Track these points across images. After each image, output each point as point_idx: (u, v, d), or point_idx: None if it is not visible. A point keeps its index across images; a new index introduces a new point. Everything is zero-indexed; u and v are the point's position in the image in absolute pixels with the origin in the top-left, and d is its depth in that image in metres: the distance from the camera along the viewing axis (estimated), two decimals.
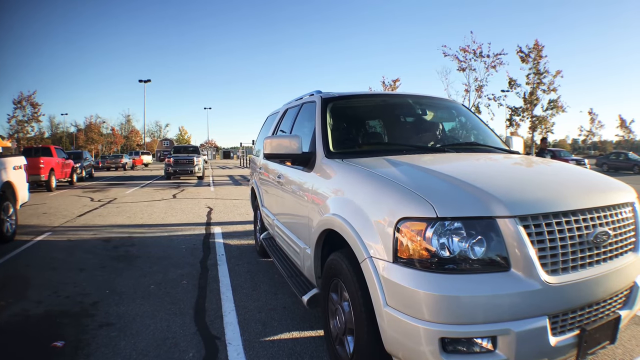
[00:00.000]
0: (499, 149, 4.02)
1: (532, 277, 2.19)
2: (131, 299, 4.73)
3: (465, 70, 30.48)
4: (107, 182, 24.98)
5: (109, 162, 44.25)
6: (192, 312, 4.34)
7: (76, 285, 5.23)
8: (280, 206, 4.77)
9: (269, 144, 3.74)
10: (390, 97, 5.22)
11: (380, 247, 2.43)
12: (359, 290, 2.60)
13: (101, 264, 6.26)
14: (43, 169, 17.86)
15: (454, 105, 4.81)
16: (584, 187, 2.75)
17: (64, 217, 10.86)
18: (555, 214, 2.34)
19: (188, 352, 3.50)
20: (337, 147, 3.68)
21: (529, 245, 2.21)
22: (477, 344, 2.18)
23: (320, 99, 4.12)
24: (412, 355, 2.28)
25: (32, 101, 55.10)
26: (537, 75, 30.22)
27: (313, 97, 4.38)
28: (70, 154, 25.57)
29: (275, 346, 3.58)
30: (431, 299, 2.14)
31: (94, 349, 3.55)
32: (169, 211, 11.68)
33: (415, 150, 3.69)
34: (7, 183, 8.04)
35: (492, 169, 3.21)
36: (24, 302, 4.67)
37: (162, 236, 8.33)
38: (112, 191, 18.37)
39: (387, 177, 2.71)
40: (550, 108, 30.34)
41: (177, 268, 5.95)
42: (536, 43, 30.06)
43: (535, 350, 2.21)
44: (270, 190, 5.38)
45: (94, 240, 7.97)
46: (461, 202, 2.33)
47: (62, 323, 4.10)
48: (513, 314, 2.15)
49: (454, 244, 2.21)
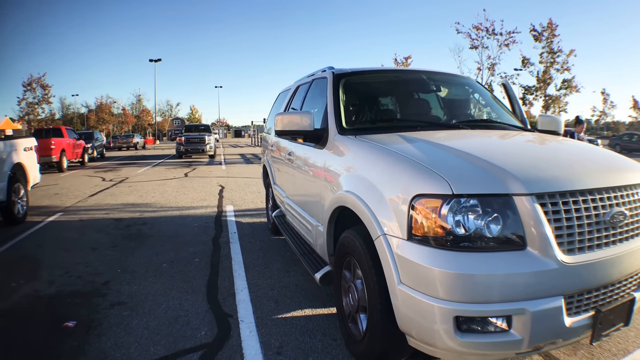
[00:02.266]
0: (514, 126, 3.95)
1: (548, 256, 2.16)
2: (143, 278, 4.76)
3: (478, 48, 30.21)
4: (118, 161, 25.14)
5: (120, 142, 44.55)
6: (205, 290, 4.36)
7: (88, 265, 5.27)
8: (292, 184, 4.74)
9: (280, 121, 3.67)
10: (404, 73, 5.14)
11: (394, 224, 2.40)
12: (373, 268, 2.58)
13: (113, 243, 6.30)
14: (54, 150, 17.98)
15: (468, 81, 4.73)
16: (601, 166, 2.70)
17: (75, 197, 10.93)
18: (572, 193, 2.29)
19: (200, 330, 3.51)
20: (350, 124, 3.64)
21: (545, 223, 2.17)
22: (491, 323, 2.16)
23: (332, 75, 4.06)
24: (426, 333, 2.26)
25: (42, 83, 55.30)
26: (550, 54, 29.86)
27: (325, 73, 4.32)
28: (82, 134, 25.73)
29: (288, 324, 3.58)
30: (446, 277, 2.12)
31: (106, 329, 3.57)
32: (181, 190, 11.71)
33: (429, 126, 3.64)
34: (17, 164, 8.06)
35: (508, 146, 3.16)
36: (36, 283, 4.71)
37: (174, 215, 8.37)
38: (123, 171, 18.48)
39: (401, 154, 2.67)
40: (564, 88, 30.01)
41: (189, 246, 5.97)
42: (550, 22, 29.70)
43: (550, 331, 2.19)
44: (282, 168, 5.33)
45: (105, 220, 8.01)
46: (477, 179, 2.29)
47: (73, 303, 4.13)
48: (528, 293, 2.12)
49: (469, 221, 2.18)
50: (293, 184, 4.69)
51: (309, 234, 3.98)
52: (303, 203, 4.25)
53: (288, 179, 4.98)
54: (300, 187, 4.35)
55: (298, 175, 4.39)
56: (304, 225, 4.13)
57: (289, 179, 4.94)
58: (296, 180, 4.49)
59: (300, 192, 4.34)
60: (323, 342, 3.28)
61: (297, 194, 4.54)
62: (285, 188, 5.17)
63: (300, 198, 4.36)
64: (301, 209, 4.28)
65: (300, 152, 4.33)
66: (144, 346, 3.27)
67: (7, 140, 8.20)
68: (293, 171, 4.62)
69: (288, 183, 5.01)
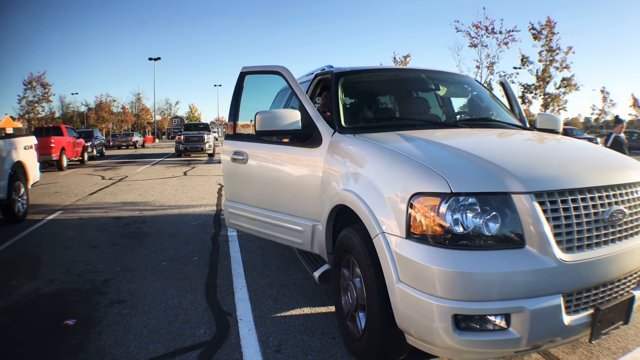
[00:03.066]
0: (513, 125, 3.95)
1: (547, 254, 2.16)
2: (142, 276, 4.76)
3: (477, 47, 30.22)
4: (118, 160, 25.15)
5: (120, 141, 44.60)
6: (204, 289, 4.36)
7: (87, 263, 5.27)
8: (271, 191, 4.08)
9: (263, 120, 3.50)
10: (403, 72, 5.13)
11: (393, 222, 2.40)
12: (371, 267, 2.58)
13: (112, 241, 6.30)
14: (54, 148, 18.00)
15: (467, 80, 4.73)
16: (599, 164, 2.71)
17: (75, 195, 10.93)
18: (571, 191, 2.29)
19: (199, 328, 3.51)
20: (349, 122, 3.63)
21: (544, 222, 2.17)
22: (490, 322, 2.16)
23: (332, 74, 4.06)
24: (424, 332, 2.27)
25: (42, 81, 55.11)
26: (549, 52, 29.87)
27: (324, 71, 4.31)
28: (81, 132, 25.76)
29: (287, 322, 3.58)
30: (444, 275, 2.12)
31: (106, 327, 3.57)
32: (180, 188, 11.71)
33: (428, 125, 3.64)
34: (18, 163, 8.07)
35: (507, 145, 3.16)
36: (36, 281, 4.71)
37: (173, 213, 8.38)
38: (123, 169, 18.47)
39: (400, 152, 2.68)
40: (563, 86, 30.02)
41: (189, 245, 5.97)
42: (548, 20, 29.71)
43: (549, 329, 2.19)
44: (256, 177, 4.28)
45: (105, 218, 8.02)
46: (476, 177, 2.29)
47: (73, 301, 4.14)
48: (527, 291, 2.12)
49: (468, 219, 2.18)
50: (273, 191, 4.06)
51: (298, 236, 3.79)
52: (290, 206, 3.87)
53: (261, 188, 4.21)
54: (286, 191, 3.91)
55: (284, 179, 3.93)
56: (291, 229, 3.85)
57: (263, 188, 4.19)
58: (279, 185, 3.97)
59: (286, 196, 3.91)
60: (322, 340, 3.27)
61: (279, 199, 4.00)
62: (256, 199, 4.30)
63: (286, 202, 3.91)
64: (285, 214, 3.90)
65: (289, 153, 3.87)
66: (144, 344, 3.27)
67: (7, 138, 8.20)
68: (275, 176, 4.04)
69: (261, 192, 4.23)
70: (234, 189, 4.51)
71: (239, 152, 4.29)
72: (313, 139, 3.56)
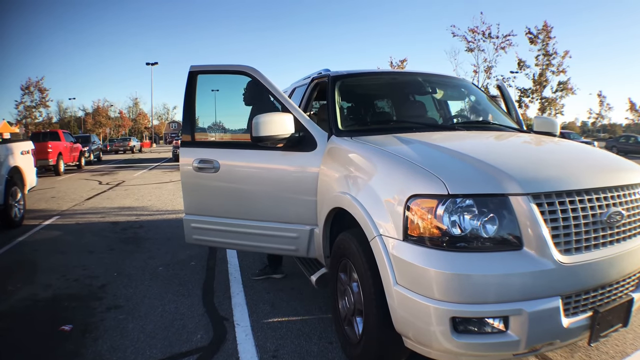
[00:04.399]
0: (510, 128, 3.95)
1: (545, 256, 2.15)
2: (139, 281, 4.74)
3: (474, 51, 30.32)
4: (115, 165, 25.11)
5: (117, 145, 44.56)
6: (201, 293, 4.34)
7: (84, 269, 5.24)
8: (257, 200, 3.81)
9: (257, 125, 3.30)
10: (400, 75, 5.13)
11: (390, 225, 2.39)
12: (369, 270, 2.56)
13: (109, 246, 6.27)
14: (51, 153, 17.96)
15: (464, 83, 4.73)
16: (597, 166, 2.70)
17: (72, 200, 10.90)
18: (568, 193, 2.28)
19: (196, 333, 3.49)
20: (346, 125, 3.62)
21: (542, 223, 2.16)
22: (488, 324, 2.15)
23: (329, 77, 4.05)
24: (422, 335, 2.25)
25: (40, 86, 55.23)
26: (546, 56, 29.98)
27: (321, 75, 4.30)
28: (78, 137, 25.73)
29: (284, 327, 3.57)
30: (442, 277, 2.11)
31: (102, 332, 3.55)
32: (177, 193, 11.67)
33: (425, 128, 3.64)
34: (14, 168, 8.04)
35: (504, 147, 3.16)
36: (33, 287, 4.68)
37: (170, 218, 8.35)
38: (120, 174, 18.45)
39: (397, 155, 2.66)
40: (560, 90, 30.13)
41: (186, 249, 5.94)
42: (545, 24, 29.82)
43: (548, 332, 2.18)
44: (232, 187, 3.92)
45: (102, 223, 7.99)
46: (473, 179, 2.28)
47: (70, 306, 4.11)
48: (525, 293, 2.11)
49: (465, 221, 2.17)
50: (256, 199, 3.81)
51: (291, 242, 3.67)
52: (280, 214, 3.69)
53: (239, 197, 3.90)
54: (275, 198, 3.70)
55: (272, 186, 3.70)
56: (281, 236, 3.70)
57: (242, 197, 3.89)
58: (265, 193, 3.75)
59: (275, 203, 3.71)
60: (319, 345, 3.26)
61: (264, 208, 3.77)
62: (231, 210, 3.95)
63: (275, 210, 3.72)
64: (274, 222, 3.72)
65: (278, 159, 3.66)
66: (140, 349, 3.25)
67: (4, 143, 8.18)
68: (260, 184, 3.78)
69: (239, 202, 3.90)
70: (198, 201, 4.07)
71: (206, 160, 3.89)
72: (306, 143, 3.49)
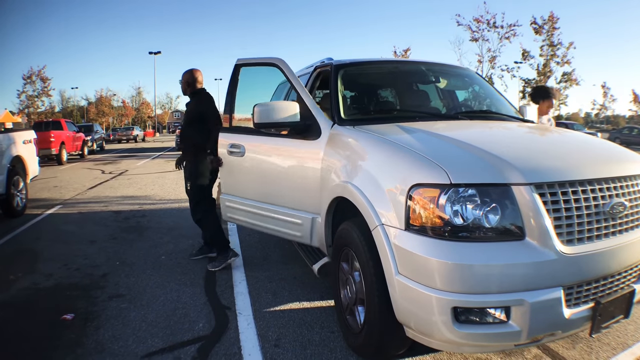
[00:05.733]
0: (513, 117, 3.93)
1: (547, 246, 2.14)
2: (141, 270, 4.74)
3: (478, 41, 30.19)
4: (118, 154, 25.14)
5: (120, 135, 44.54)
6: (203, 283, 4.35)
7: (86, 258, 5.25)
8: (268, 184, 4.02)
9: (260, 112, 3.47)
10: (403, 64, 5.10)
11: (392, 214, 2.38)
12: (370, 260, 2.56)
13: (112, 235, 6.28)
14: (54, 142, 17.94)
15: (467, 72, 4.70)
16: (600, 156, 2.69)
17: (74, 190, 10.91)
18: (571, 183, 2.27)
19: (198, 322, 3.50)
20: (349, 114, 3.60)
21: (544, 213, 2.15)
22: (490, 314, 2.14)
23: (332, 66, 4.03)
24: (424, 324, 2.25)
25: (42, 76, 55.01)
26: (550, 47, 29.81)
27: (324, 64, 4.28)
28: (81, 127, 25.68)
29: (286, 316, 3.57)
30: (444, 267, 2.10)
31: (104, 321, 3.56)
32: (180, 182, 11.63)
33: (428, 117, 3.62)
34: (16, 157, 8.03)
35: (507, 137, 3.14)
36: (34, 276, 4.69)
37: (173, 207, 8.37)
38: (123, 163, 18.47)
39: (399, 144, 2.65)
40: (564, 81, 30.01)
41: (188, 238, 5.95)
42: (551, 15, 29.61)
43: (549, 322, 2.18)
44: (251, 170, 4.22)
45: (104, 213, 8.00)
46: (475, 168, 2.27)
47: (72, 295, 4.12)
48: (527, 284, 2.10)
49: (467, 211, 2.16)
50: (272, 183, 3.99)
51: (297, 229, 3.75)
52: (289, 199, 3.82)
53: (259, 180, 4.15)
54: (284, 184, 3.85)
55: (282, 172, 3.89)
56: (290, 221, 3.80)
57: (261, 181, 4.12)
58: (278, 178, 3.93)
59: (285, 189, 3.85)
60: (321, 334, 3.26)
61: (277, 192, 3.93)
62: (254, 192, 4.23)
63: (285, 195, 3.86)
64: (284, 207, 3.85)
65: (287, 145, 3.84)
66: (142, 338, 3.25)
67: (6, 133, 8.17)
68: (273, 169, 3.99)
69: (259, 185, 4.15)
70: (230, 182, 4.46)
71: (236, 144, 4.23)
72: (312, 131, 3.52)
